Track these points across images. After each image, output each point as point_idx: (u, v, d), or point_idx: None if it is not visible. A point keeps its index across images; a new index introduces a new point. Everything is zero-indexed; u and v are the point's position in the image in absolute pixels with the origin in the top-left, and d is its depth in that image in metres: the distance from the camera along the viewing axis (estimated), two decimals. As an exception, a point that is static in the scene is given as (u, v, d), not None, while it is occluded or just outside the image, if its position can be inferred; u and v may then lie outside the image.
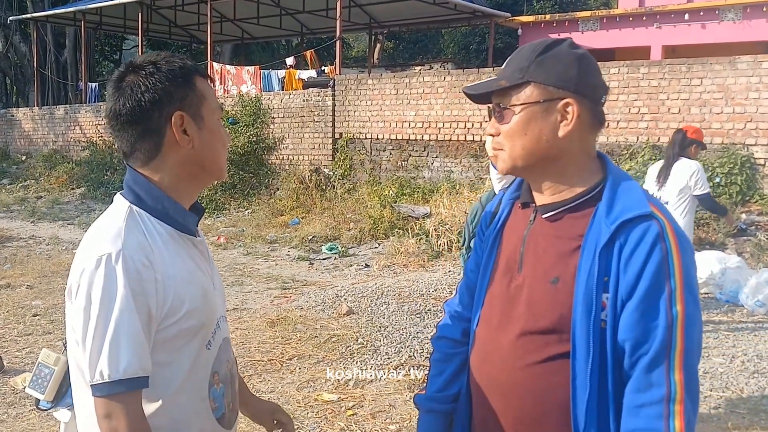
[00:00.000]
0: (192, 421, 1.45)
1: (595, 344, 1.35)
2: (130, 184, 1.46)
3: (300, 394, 4.51)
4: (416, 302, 6.71)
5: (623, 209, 1.36)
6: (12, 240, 10.86)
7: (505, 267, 1.53)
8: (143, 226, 1.41)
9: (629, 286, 1.33)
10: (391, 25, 21.18)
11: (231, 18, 20.50)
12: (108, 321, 1.30)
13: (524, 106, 1.41)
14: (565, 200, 1.45)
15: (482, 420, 1.55)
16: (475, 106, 11.33)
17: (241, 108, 14.27)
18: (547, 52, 1.42)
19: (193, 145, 1.45)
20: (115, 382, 1.29)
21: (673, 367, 1.30)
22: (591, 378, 1.35)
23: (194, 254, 1.50)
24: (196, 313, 1.42)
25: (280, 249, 9.98)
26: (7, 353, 5.29)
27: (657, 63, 10.17)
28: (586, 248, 1.38)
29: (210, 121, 1.47)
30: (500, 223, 1.59)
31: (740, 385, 4.66)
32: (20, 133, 20.47)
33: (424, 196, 11.04)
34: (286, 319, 6.19)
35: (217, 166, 1.51)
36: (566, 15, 18.52)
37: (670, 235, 1.34)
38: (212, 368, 1.50)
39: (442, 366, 1.70)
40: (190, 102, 1.43)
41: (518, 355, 1.45)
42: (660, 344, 1.30)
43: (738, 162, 8.97)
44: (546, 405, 1.42)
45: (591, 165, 1.47)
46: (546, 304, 1.42)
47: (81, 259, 1.36)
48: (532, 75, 1.41)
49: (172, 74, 1.42)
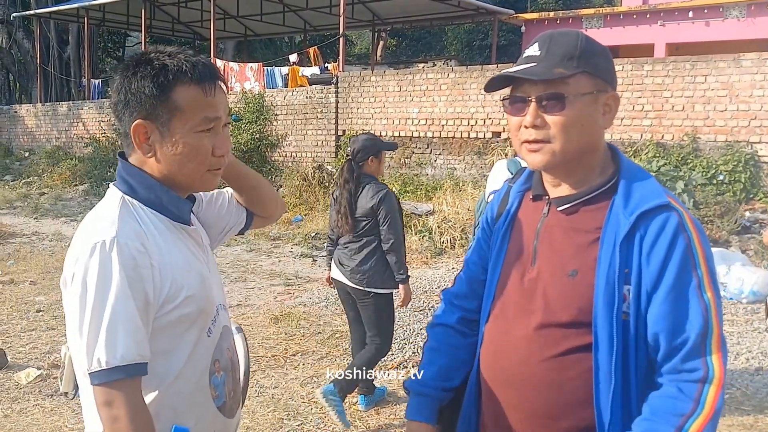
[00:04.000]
0: (192, 409, 1.45)
1: (619, 337, 1.34)
2: (122, 175, 1.45)
3: (303, 390, 4.51)
4: (419, 299, 6.70)
5: (641, 200, 1.36)
6: (15, 236, 10.87)
7: (518, 260, 1.52)
8: (137, 215, 1.40)
9: (653, 277, 1.33)
10: (395, 22, 21.16)
11: (234, 15, 20.50)
12: (104, 308, 1.28)
13: (583, 97, 1.38)
14: (581, 192, 1.45)
15: (494, 415, 1.53)
16: (478, 104, 11.33)
17: (244, 105, 14.26)
18: (590, 45, 1.41)
19: (155, 156, 1.42)
20: (114, 369, 1.27)
21: (711, 353, 1.31)
22: (616, 371, 1.35)
23: (189, 243, 1.50)
24: (194, 299, 1.42)
25: (283, 246, 9.98)
26: (11, 349, 5.29)
27: (661, 60, 10.14)
28: (606, 240, 1.37)
29: (181, 135, 1.39)
30: (510, 216, 1.57)
31: (745, 383, 4.65)
32: (23, 129, 20.49)
33: (427, 194, 11.03)
34: (290, 315, 6.19)
35: (187, 180, 1.45)
36: (570, 12, 18.50)
37: (689, 224, 1.34)
38: (213, 356, 1.49)
39: (434, 355, 1.68)
40: (157, 114, 1.38)
41: (535, 348, 1.43)
42: (698, 333, 1.31)
43: (742, 159, 8.95)
44: (564, 398, 1.41)
45: (606, 156, 1.48)
46: (564, 297, 1.41)
47: (76, 248, 1.35)
48: (585, 65, 1.38)
49: (145, 81, 1.37)
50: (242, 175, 1.69)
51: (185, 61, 1.39)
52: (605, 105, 1.42)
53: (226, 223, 1.72)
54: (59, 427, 4.00)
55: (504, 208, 1.61)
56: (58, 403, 4.31)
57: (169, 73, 1.37)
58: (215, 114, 1.41)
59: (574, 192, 1.45)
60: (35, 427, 3.99)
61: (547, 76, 1.37)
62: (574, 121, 1.37)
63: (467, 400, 1.63)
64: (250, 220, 1.77)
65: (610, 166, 1.47)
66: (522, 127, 1.42)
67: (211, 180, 1.48)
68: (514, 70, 1.40)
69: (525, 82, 1.40)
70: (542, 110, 1.38)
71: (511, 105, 1.44)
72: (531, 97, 1.39)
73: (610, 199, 1.41)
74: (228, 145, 1.47)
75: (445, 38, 26.33)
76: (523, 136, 1.42)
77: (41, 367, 4.88)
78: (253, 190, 1.73)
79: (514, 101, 1.43)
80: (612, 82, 1.43)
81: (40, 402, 4.34)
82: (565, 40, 1.40)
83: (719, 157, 9.15)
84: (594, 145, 1.43)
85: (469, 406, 1.62)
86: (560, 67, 1.37)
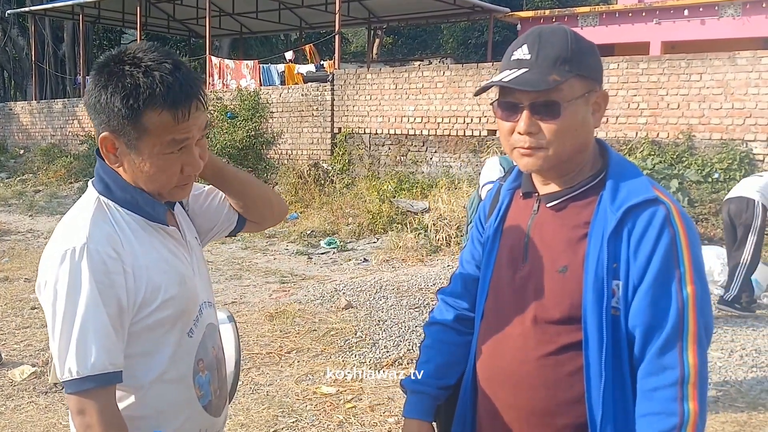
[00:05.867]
0: (178, 410, 1.44)
1: (608, 332, 1.34)
2: (99, 173, 1.43)
3: (299, 387, 4.51)
4: (415, 296, 6.70)
5: (628, 195, 1.36)
6: (10, 233, 10.84)
7: (509, 258, 1.51)
8: (111, 218, 1.38)
9: (640, 271, 1.33)
10: (390, 19, 21.14)
11: (230, 12, 20.46)
12: (74, 317, 1.28)
13: (574, 101, 1.36)
14: (569, 188, 1.44)
15: (490, 413, 1.53)
16: (474, 102, 11.32)
17: (240, 102, 14.23)
18: (580, 43, 1.39)
19: (123, 167, 1.39)
20: (85, 378, 1.27)
21: (686, 349, 1.30)
22: (605, 367, 1.34)
23: (168, 242, 1.47)
24: (173, 301, 1.40)
25: (278, 243, 9.97)
26: (5, 346, 5.28)
27: (656, 58, 10.16)
28: (593, 235, 1.37)
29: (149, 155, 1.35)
30: (501, 215, 1.57)
31: (738, 380, 4.66)
32: (18, 126, 20.41)
33: (423, 191, 11.03)
34: (285, 312, 6.18)
35: (154, 192, 1.42)
36: (565, 10, 18.52)
37: (676, 218, 1.34)
38: (196, 356, 1.48)
39: (430, 353, 1.67)
40: (126, 131, 1.33)
41: (530, 346, 1.43)
42: (673, 327, 1.30)
43: (737, 158, 8.98)
44: (560, 395, 1.41)
45: (595, 152, 1.47)
46: (555, 293, 1.41)
47: (48, 254, 1.34)
48: (577, 68, 1.36)
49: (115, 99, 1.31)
50: (227, 180, 1.61)
51: (159, 83, 1.30)
52: (595, 104, 1.41)
53: (214, 223, 1.68)
54: (53, 424, 3.99)
55: (495, 207, 1.61)
56: (52, 400, 4.30)
57: (140, 96, 1.29)
58: (184, 136, 1.35)
59: (562, 188, 1.45)
60: (29, 424, 3.98)
61: (543, 87, 1.33)
62: (568, 127, 1.36)
63: (462, 397, 1.62)
64: (241, 224, 1.70)
65: (599, 161, 1.46)
66: (515, 132, 1.39)
67: (179, 193, 1.46)
68: (507, 78, 1.35)
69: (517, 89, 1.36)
70: (536, 117, 1.35)
71: (502, 110, 1.41)
72: (524, 104, 1.36)
73: (598, 195, 1.40)
74: (199, 162, 1.41)
75: (441, 36, 26.33)
76: (517, 143, 1.39)
77: (36, 364, 4.87)
78: (240, 196, 1.65)
79: (505, 107, 1.40)
80: (600, 79, 1.42)
81: (35, 399, 4.33)
82: (554, 39, 1.36)
83: (714, 155, 9.18)
84: (584, 145, 1.42)
85: (464, 403, 1.62)
86: (554, 73, 1.33)
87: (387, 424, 4.00)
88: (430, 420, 1.64)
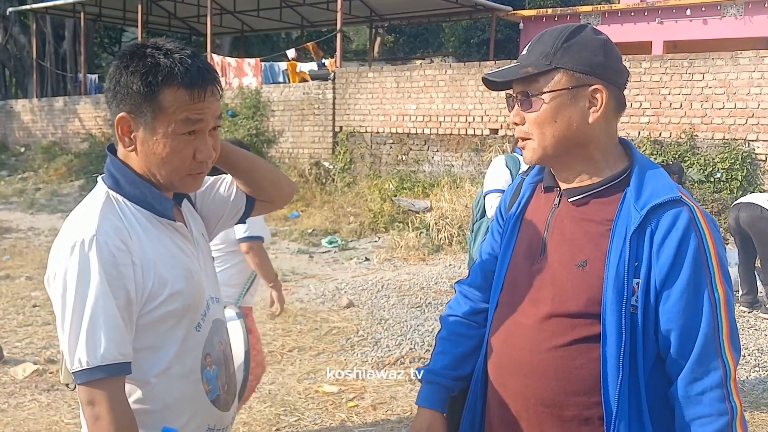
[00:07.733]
0: (185, 405, 1.45)
1: (626, 329, 1.36)
2: (110, 169, 1.45)
3: (300, 386, 4.50)
4: (416, 295, 6.70)
5: (652, 194, 1.37)
6: (11, 231, 10.84)
7: (527, 251, 1.53)
8: (120, 212, 1.40)
9: (663, 272, 1.35)
10: (392, 18, 21.10)
11: (231, 10, 20.43)
12: (84, 308, 1.29)
13: (554, 94, 1.40)
14: (593, 185, 1.46)
15: (500, 403, 1.54)
16: (476, 100, 11.32)
17: (241, 101, 14.22)
18: (573, 38, 1.41)
19: (136, 150, 1.41)
20: (95, 369, 1.28)
21: (724, 348, 1.34)
22: (623, 362, 1.36)
23: (176, 238, 1.48)
24: (180, 295, 1.41)
25: (279, 242, 9.97)
26: (7, 343, 5.28)
27: (659, 58, 10.14)
28: (617, 233, 1.38)
29: (163, 135, 1.38)
30: (521, 207, 1.59)
31: (741, 379, 4.66)
32: (19, 124, 20.40)
33: (425, 190, 11.02)
34: (286, 311, 6.16)
35: (165, 181, 1.43)
36: (568, 9, 18.48)
37: (701, 220, 1.36)
38: (204, 350, 1.48)
39: (446, 345, 1.70)
40: (142, 110, 1.37)
41: (543, 337, 1.45)
42: (710, 330, 1.33)
43: (739, 157, 8.98)
44: (570, 387, 1.42)
45: (616, 150, 1.48)
46: (573, 287, 1.42)
47: (57, 247, 1.35)
48: (560, 61, 1.40)
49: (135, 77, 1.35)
50: (232, 159, 1.62)
51: (179, 63, 1.35)
52: (589, 99, 1.41)
53: (222, 213, 1.69)
54: (55, 421, 3.99)
55: (516, 199, 1.63)
56: (54, 397, 4.30)
57: (159, 74, 1.34)
58: (198, 116, 1.38)
59: (584, 184, 1.47)
60: (32, 422, 3.98)
61: (509, 77, 1.43)
62: (546, 118, 1.41)
63: (473, 387, 1.65)
64: (250, 207, 1.71)
65: (623, 160, 1.48)
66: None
67: (192, 183, 1.47)
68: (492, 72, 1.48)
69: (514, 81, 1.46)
70: (523, 108, 1.44)
71: (507, 103, 1.50)
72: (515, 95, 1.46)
73: (621, 192, 1.42)
74: (211, 150, 1.43)
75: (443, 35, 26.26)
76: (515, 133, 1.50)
77: (37, 362, 4.87)
78: (247, 175, 1.65)
79: (508, 100, 1.50)
80: (599, 74, 1.41)
81: (37, 397, 4.33)
82: (548, 37, 1.43)
83: (716, 154, 9.17)
84: (580, 140, 1.43)
85: (475, 393, 1.64)
86: (532, 66, 1.41)
87: (389, 423, 4.00)
88: (443, 411, 1.66)
